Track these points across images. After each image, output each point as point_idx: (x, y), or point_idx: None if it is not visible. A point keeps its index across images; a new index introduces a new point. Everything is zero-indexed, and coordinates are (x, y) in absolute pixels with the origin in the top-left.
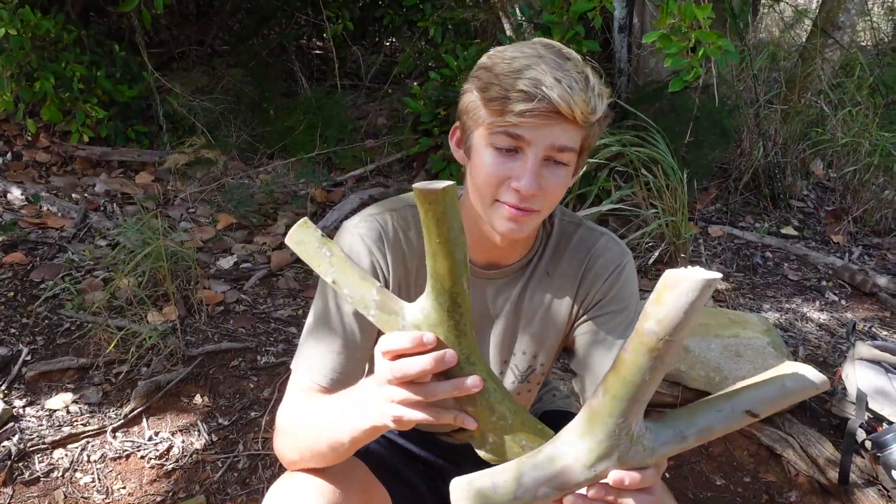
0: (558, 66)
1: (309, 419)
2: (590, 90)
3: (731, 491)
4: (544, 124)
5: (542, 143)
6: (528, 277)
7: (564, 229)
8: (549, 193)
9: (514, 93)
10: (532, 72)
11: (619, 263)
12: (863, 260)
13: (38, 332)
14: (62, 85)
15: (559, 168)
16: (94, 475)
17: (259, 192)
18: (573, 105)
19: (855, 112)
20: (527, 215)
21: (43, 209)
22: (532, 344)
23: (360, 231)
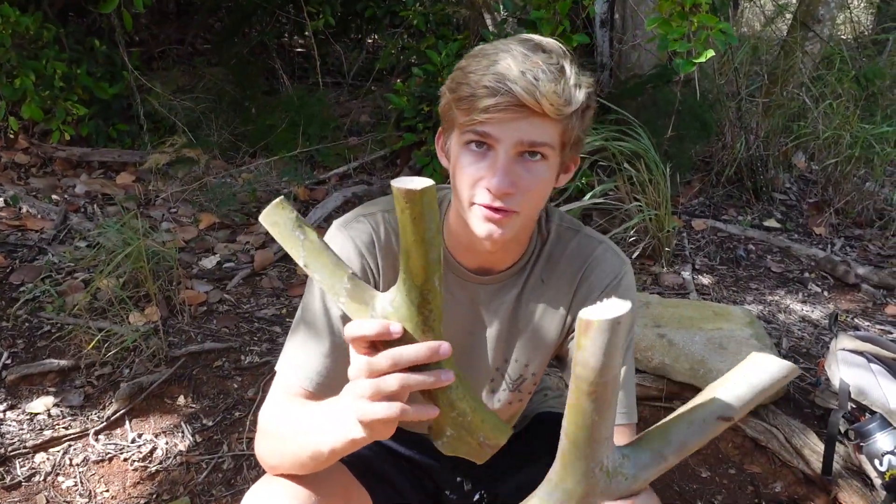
0: (526, 58)
1: (291, 427)
2: (563, 81)
3: (716, 483)
4: (511, 119)
5: (511, 139)
6: (523, 284)
7: (562, 235)
8: (527, 192)
9: (479, 89)
10: (497, 67)
11: (617, 275)
12: (845, 251)
13: (19, 335)
14: (42, 83)
15: (535, 164)
16: (76, 479)
17: (241, 191)
18: (539, 97)
19: (836, 105)
20: (504, 216)
21: (22, 211)
22: (525, 352)
23: (351, 233)
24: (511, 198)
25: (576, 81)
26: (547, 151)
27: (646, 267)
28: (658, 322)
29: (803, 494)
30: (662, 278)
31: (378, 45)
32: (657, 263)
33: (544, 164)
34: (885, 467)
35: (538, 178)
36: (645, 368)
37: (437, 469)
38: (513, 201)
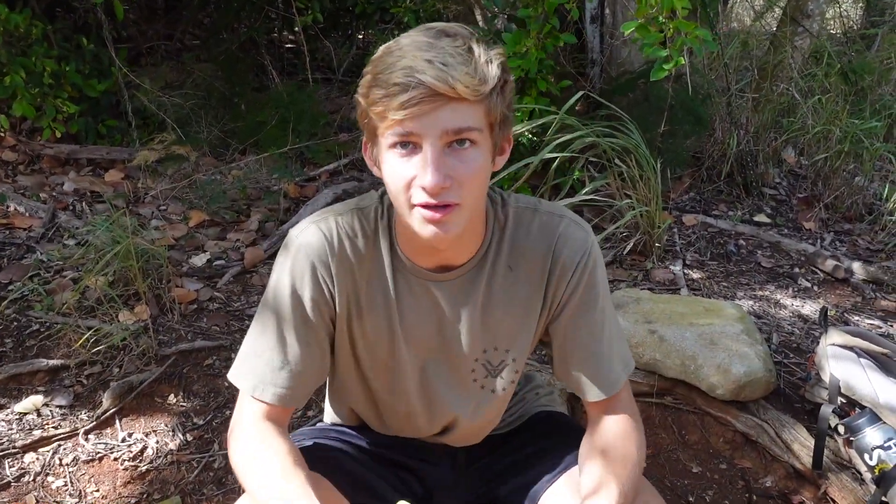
0: (430, 45)
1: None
2: (473, 61)
3: (707, 478)
4: (430, 111)
5: (435, 131)
6: (490, 274)
7: (521, 217)
8: (464, 182)
9: (390, 88)
10: (403, 61)
11: (586, 249)
12: (834, 246)
13: (7, 335)
14: (32, 80)
15: (466, 152)
16: (66, 478)
17: (231, 188)
18: (452, 81)
19: (825, 100)
20: (447, 212)
21: (10, 209)
22: (504, 340)
23: (302, 242)
24: (448, 191)
25: (486, 58)
26: (475, 136)
27: (636, 262)
28: (649, 318)
29: (793, 489)
30: (653, 274)
31: (368, 40)
32: (648, 259)
33: (476, 149)
34: (874, 461)
35: (473, 165)
36: (636, 364)
37: (430, 473)
38: (451, 194)
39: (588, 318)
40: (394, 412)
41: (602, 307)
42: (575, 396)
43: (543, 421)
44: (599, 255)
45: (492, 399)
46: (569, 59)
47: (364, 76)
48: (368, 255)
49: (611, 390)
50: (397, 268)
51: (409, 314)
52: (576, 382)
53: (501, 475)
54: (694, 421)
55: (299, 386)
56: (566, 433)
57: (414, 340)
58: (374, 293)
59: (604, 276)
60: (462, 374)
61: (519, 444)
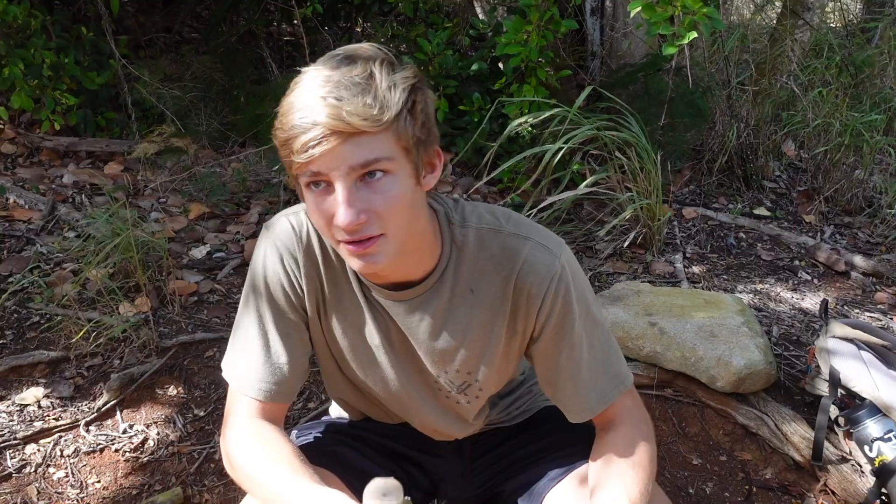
0: (326, 80)
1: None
2: (373, 89)
3: (707, 470)
4: (332, 149)
5: (341, 170)
6: (450, 296)
7: (483, 239)
8: (384, 211)
9: (291, 131)
10: (299, 101)
11: (553, 274)
12: (834, 239)
13: (7, 327)
14: (31, 72)
15: (380, 182)
16: (67, 470)
17: (231, 180)
18: (347, 116)
19: (825, 93)
20: (371, 244)
21: (9, 201)
22: (465, 363)
23: (272, 234)
24: (367, 225)
25: (389, 83)
26: (387, 165)
27: (637, 255)
28: (649, 310)
29: (793, 481)
30: (653, 267)
31: (367, 32)
32: (648, 251)
33: (391, 178)
34: (874, 453)
35: (389, 195)
36: (636, 357)
37: (436, 464)
38: (371, 227)
39: (567, 342)
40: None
41: (581, 330)
42: None
43: (551, 417)
44: (573, 275)
45: (465, 410)
46: (569, 52)
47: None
48: (333, 256)
49: (595, 410)
50: (366, 296)
51: (372, 324)
52: (561, 404)
53: (508, 470)
54: (694, 413)
55: (284, 380)
56: (574, 430)
57: (379, 348)
58: (341, 295)
59: (581, 295)
60: (429, 384)
61: (526, 439)
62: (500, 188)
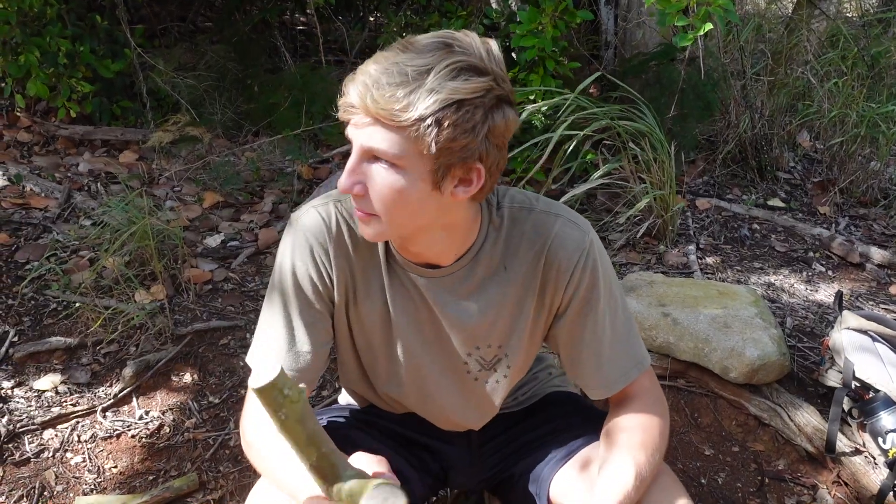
0: (384, 59)
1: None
2: (409, 87)
3: (719, 460)
4: (361, 124)
5: (357, 143)
6: (483, 274)
7: (516, 218)
8: (374, 195)
9: (344, 88)
10: (363, 66)
11: (583, 250)
12: (849, 231)
13: (25, 313)
14: (46, 60)
15: (381, 169)
16: (84, 455)
17: (245, 169)
18: (368, 102)
19: (841, 83)
20: (367, 218)
21: (26, 189)
22: (496, 338)
23: (302, 224)
24: (363, 200)
25: (434, 86)
26: (393, 160)
27: (650, 246)
28: (662, 301)
29: (806, 472)
30: (667, 257)
31: (381, 21)
32: (661, 242)
33: (395, 171)
34: (888, 445)
35: (383, 183)
36: (649, 347)
37: (445, 451)
38: (366, 204)
39: (591, 319)
40: (392, 399)
41: (605, 306)
42: None
43: (557, 401)
44: (599, 253)
45: (488, 391)
46: (582, 41)
47: None
48: (364, 243)
49: (614, 388)
50: (389, 260)
51: (400, 306)
52: (582, 380)
53: (515, 454)
54: (707, 404)
55: (307, 368)
56: (580, 414)
57: (406, 331)
58: (370, 282)
59: (606, 273)
60: (456, 367)
61: (533, 423)
62: (512, 178)
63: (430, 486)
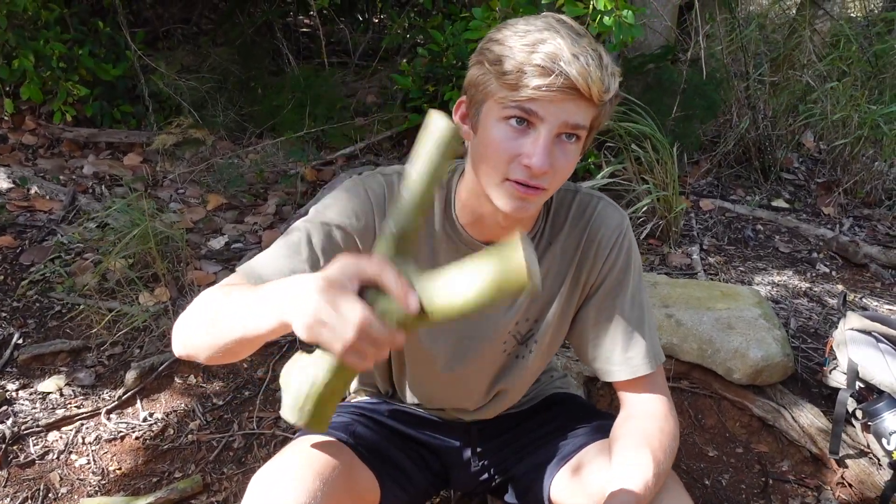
0: (574, 41)
1: (223, 306)
2: (604, 68)
3: (723, 462)
4: (560, 100)
5: (556, 120)
6: (537, 249)
7: (562, 199)
8: (559, 171)
9: (529, 66)
10: (548, 46)
11: (621, 230)
12: (853, 231)
13: (29, 316)
14: (42, 64)
15: (570, 145)
16: (89, 457)
17: (248, 171)
18: (591, 82)
19: (844, 84)
20: (535, 193)
21: (31, 192)
22: (534, 310)
23: (367, 184)
24: (545, 176)
25: (612, 69)
26: (582, 134)
27: (653, 247)
28: (666, 302)
29: (810, 473)
30: (670, 258)
31: (384, 24)
32: (665, 243)
33: (577, 145)
34: (892, 446)
35: (570, 159)
36: None
37: (446, 449)
38: (546, 180)
39: (619, 300)
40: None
41: (634, 290)
42: (591, 381)
43: (559, 403)
44: (633, 239)
45: (515, 366)
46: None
47: (491, 42)
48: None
49: (637, 371)
50: (448, 234)
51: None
52: (601, 363)
53: (517, 454)
54: (710, 405)
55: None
56: (581, 414)
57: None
58: (420, 254)
59: (637, 260)
60: (494, 343)
61: (534, 424)
62: None
63: (432, 484)
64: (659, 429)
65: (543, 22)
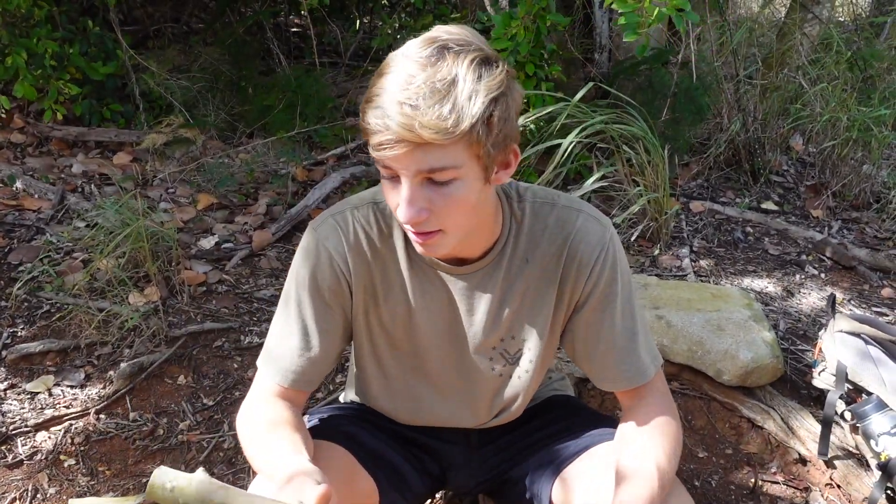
0: (409, 81)
1: (254, 449)
2: (450, 99)
3: (713, 463)
4: (402, 155)
5: (410, 171)
6: (507, 267)
7: (538, 212)
8: (443, 212)
9: (367, 126)
10: (381, 97)
11: (604, 245)
12: (842, 234)
13: (18, 315)
14: (34, 62)
15: (446, 186)
16: (78, 457)
17: (239, 171)
18: (418, 128)
19: (833, 87)
20: (430, 237)
21: (19, 190)
22: (519, 330)
23: (319, 235)
24: (428, 221)
25: (470, 91)
26: (453, 173)
27: (644, 249)
28: (656, 304)
29: (799, 474)
30: (660, 260)
31: (375, 24)
32: (655, 245)
33: (457, 183)
34: (880, 448)
35: (452, 198)
36: None
37: (445, 451)
38: (431, 224)
39: (609, 313)
40: (410, 401)
41: (623, 302)
42: (582, 383)
43: (558, 405)
44: (618, 250)
45: (512, 387)
46: (576, 45)
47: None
48: (383, 247)
49: (636, 381)
50: (413, 260)
51: (424, 305)
52: (599, 374)
53: (516, 456)
54: (700, 406)
55: (315, 372)
56: (580, 417)
57: (430, 330)
58: (390, 284)
59: (624, 270)
60: (481, 363)
61: (533, 427)
62: None
63: (429, 487)
64: (661, 433)
65: (401, 57)
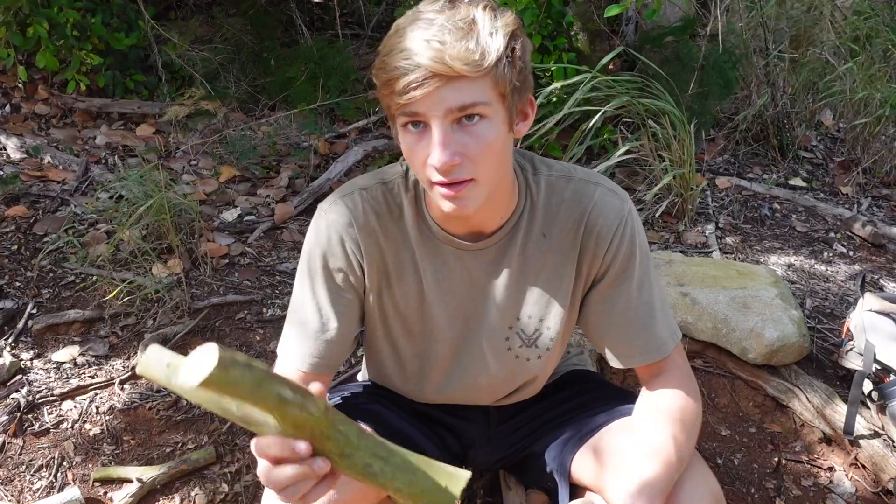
0: (429, 23)
1: None
2: (475, 34)
3: (736, 441)
4: (432, 91)
5: (439, 111)
6: (523, 242)
7: (554, 185)
8: (477, 155)
9: (394, 72)
10: (403, 42)
11: (622, 218)
12: (872, 211)
13: (43, 286)
14: (56, 32)
15: (476, 127)
16: (103, 426)
17: (261, 143)
18: (449, 60)
19: (857, 66)
20: (462, 187)
21: (44, 162)
22: (536, 308)
23: (329, 217)
24: (460, 168)
25: (491, 29)
26: (483, 110)
27: (669, 225)
28: (681, 280)
29: (823, 454)
30: (685, 237)
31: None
32: (680, 221)
33: (486, 122)
34: None
35: (484, 139)
36: None
37: (464, 429)
38: (464, 170)
39: (626, 287)
40: (424, 381)
41: (641, 276)
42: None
43: (577, 379)
44: (637, 223)
45: (529, 369)
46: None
47: (377, 56)
48: (394, 227)
49: (653, 356)
50: (427, 237)
51: (438, 283)
52: (615, 350)
53: (536, 432)
54: (724, 384)
55: (333, 355)
56: (599, 391)
57: (444, 309)
58: (403, 263)
59: (643, 243)
60: (497, 343)
61: (552, 402)
62: None
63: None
64: (679, 408)
65: (413, 12)
